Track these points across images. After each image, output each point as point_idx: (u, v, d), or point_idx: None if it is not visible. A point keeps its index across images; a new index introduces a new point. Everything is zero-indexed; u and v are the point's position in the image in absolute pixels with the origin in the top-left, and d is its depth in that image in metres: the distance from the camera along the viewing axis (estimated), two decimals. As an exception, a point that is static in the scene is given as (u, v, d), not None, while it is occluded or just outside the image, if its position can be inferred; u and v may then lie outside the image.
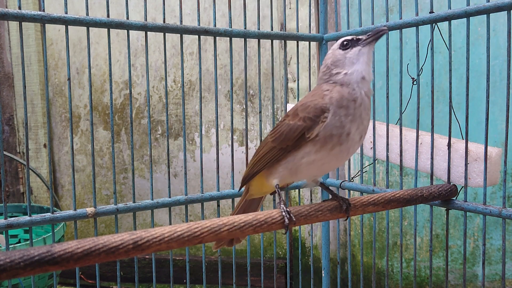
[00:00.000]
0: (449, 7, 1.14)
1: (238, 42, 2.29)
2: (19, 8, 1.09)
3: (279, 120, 1.00)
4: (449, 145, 1.15)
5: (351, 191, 1.46)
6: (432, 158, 1.18)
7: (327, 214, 0.92)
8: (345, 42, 0.91)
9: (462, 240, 1.96)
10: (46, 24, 1.12)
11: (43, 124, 2.64)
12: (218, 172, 1.35)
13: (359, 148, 1.40)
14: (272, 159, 0.93)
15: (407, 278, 2.04)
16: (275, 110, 2.26)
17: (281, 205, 0.88)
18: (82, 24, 1.15)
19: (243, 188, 1.08)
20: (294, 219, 0.87)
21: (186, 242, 0.76)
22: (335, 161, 0.91)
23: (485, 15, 1.07)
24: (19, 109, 2.66)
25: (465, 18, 1.11)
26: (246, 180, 1.01)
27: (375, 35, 0.91)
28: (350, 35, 1.00)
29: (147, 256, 2.51)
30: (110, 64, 1.21)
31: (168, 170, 1.31)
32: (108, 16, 1.18)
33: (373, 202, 0.98)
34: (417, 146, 1.23)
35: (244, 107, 1.55)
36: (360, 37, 0.92)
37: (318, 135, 0.86)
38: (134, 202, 1.26)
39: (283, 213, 0.87)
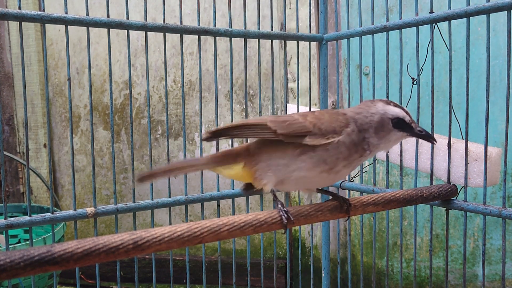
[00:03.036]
0: (449, 7, 1.14)
1: (238, 42, 2.29)
2: (19, 8, 1.09)
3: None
4: (449, 145, 1.15)
5: (351, 191, 1.46)
6: (432, 158, 1.18)
7: (327, 214, 0.92)
8: (398, 121, 0.88)
9: (462, 240, 1.96)
10: (46, 24, 1.12)
11: (43, 124, 2.64)
12: (218, 172, 1.35)
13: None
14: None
15: (407, 278, 2.04)
16: (275, 110, 2.26)
17: (279, 205, 0.88)
18: (82, 24, 1.15)
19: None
20: (292, 219, 0.87)
21: (186, 242, 0.76)
22: (321, 182, 0.91)
23: (485, 15, 1.07)
24: (19, 109, 2.66)
25: (465, 18, 1.11)
26: None
27: (424, 137, 0.90)
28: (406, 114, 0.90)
29: (147, 256, 2.51)
30: (110, 64, 1.21)
31: (168, 170, 1.31)
32: (108, 16, 1.18)
33: (373, 202, 0.98)
34: (417, 146, 1.23)
35: (244, 107, 1.55)
36: (412, 124, 0.89)
37: (317, 150, 0.86)
38: (134, 202, 1.26)
39: (281, 213, 0.87)
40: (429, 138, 0.91)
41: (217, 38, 2.10)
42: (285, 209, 0.88)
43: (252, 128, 0.90)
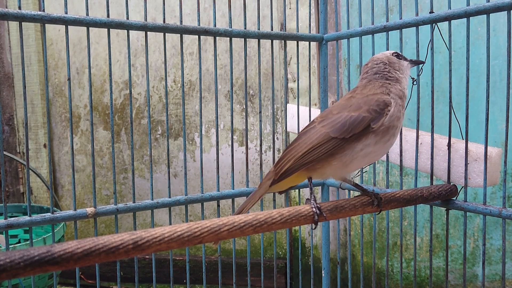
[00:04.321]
0: (449, 7, 1.14)
1: (238, 42, 2.29)
2: (19, 8, 1.09)
3: (318, 115, 1.02)
4: (449, 145, 1.15)
5: (351, 191, 1.46)
6: (432, 158, 1.18)
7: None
8: (397, 54, 1.07)
9: (462, 240, 1.96)
10: (46, 24, 1.12)
11: (43, 124, 2.64)
12: (218, 172, 1.35)
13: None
14: (329, 150, 0.91)
15: (407, 278, 2.04)
16: (275, 110, 2.26)
17: (312, 200, 0.91)
18: (82, 24, 1.15)
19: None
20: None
21: (186, 242, 0.76)
22: (383, 152, 0.98)
23: (485, 15, 1.07)
24: (19, 109, 2.66)
25: (465, 18, 1.11)
26: (290, 172, 0.94)
27: (416, 62, 1.11)
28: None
29: (147, 256, 2.51)
30: (110, 64, 1.21)
31: (168, 170, 1.31)
32: (108, 16, 1.18)
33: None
34: (417, 146, 1.23)
35: (244, 107, 1.55)
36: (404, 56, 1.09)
37: (383, 125, 0.92)
38: (134, 202, 1.26)
39: (313, 209, 0.90)
40: (418, 61, 1.12)
41: (217, 38, 2.10)
42: (317, 204, 0.90)
43: (320, 147, 0.92)
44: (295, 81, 2.22)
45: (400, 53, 1.09)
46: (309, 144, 0.92)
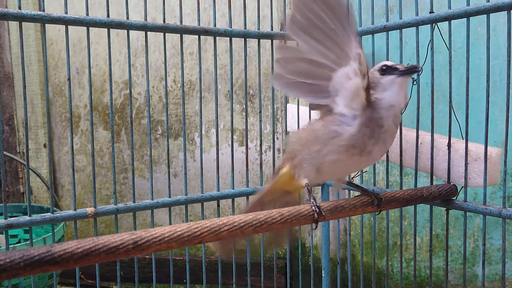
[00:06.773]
0: (449, 7, 1.14)
1: (238, 42, 2.29)
2: (19, 8, 1.09)
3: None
4: (449, 145, 1.15)
5: (351, 191, 1.46)
6: (432, 158, 1.18)
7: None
8: (384, 67, 0.94)
9: (462, 240, 1.96)
10: (46, 24, 1.12)
11: (43, 124, 2.64)
12: (218, 172, 1.35)
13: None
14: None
15: (407, 278, 2.04)
16: (275, 110, 2.26)
17: (311, 200, 0.92)
18: (82, 24, 1.15)
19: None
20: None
21: (186, 242, 0.76)
22: (355, 166, 0.97)
23: (485, 15, 1.07)
24: (19, 109, 2.66)
25: (465, 18, 1.11)
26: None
27: (410, 70, 0.94)
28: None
29: (147, 256, 2.51)
30: (110, 64, 1.21)
31: (168, 170, 1.31)
32: (108, 16, 1.18)
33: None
34: (417, 146, 1.23)
35: (244, 107, 1.55)
36: (398, 66, 0.94)
37: (343, 135, 0.90)
38: (134, 202, 1.26)
39: (313, 208, 0.90)
40: (414, 69, 0.94)
41: (217, 38, 2.10)
42: (317, 204, 0.91)
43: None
44: (295, 81, 2.22)
45: (392, 66, 0.95)
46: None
